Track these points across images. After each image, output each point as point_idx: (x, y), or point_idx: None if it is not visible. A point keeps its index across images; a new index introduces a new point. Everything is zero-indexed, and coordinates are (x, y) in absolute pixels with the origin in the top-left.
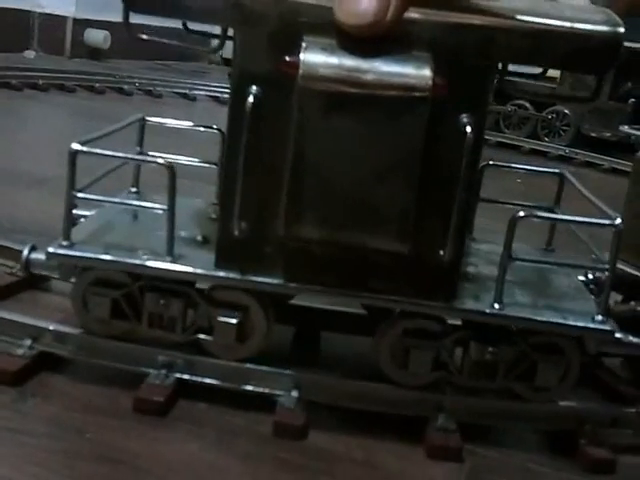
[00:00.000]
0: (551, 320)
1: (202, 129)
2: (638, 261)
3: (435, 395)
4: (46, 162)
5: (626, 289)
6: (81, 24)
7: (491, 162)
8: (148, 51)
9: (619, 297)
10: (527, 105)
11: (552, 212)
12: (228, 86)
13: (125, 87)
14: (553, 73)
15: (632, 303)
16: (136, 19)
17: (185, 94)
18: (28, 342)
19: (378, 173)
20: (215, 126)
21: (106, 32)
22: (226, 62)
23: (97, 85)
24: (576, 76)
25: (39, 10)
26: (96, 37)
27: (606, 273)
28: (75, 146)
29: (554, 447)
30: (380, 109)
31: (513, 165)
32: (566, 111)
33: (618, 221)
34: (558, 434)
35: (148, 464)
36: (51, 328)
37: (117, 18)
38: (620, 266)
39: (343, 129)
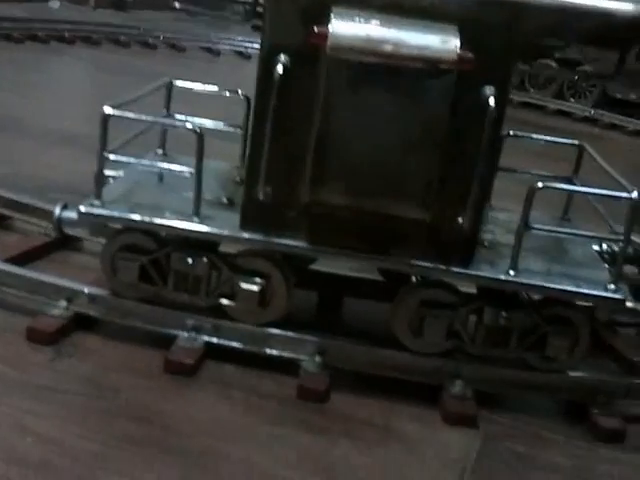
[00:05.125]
0: (564, 288)
1: (228, 94)
2: None
3: (451, 363)
4: (75, 120)
5: None
6: None
7: (511, 132)
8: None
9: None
10: (553, 65)
11: (570, 182)
12: (251, 40)
13: (150, 40)
14: None
15: None
16: None
17: (209, 48)
18: (64, 303)
19: (403, 143)
20: (241, 91)
21: None
22: (250, 15)
23: (122, 38)
24: None
25: None
26: None
27: (620, 244)
28: (107, 110)
29: (567, 416)
30: (406, 80)
31: (533, 136)
32: (592, 71)
33: (635, 195)
34: (572, 403)
35: (179, 424)
36: (85, 290)
37: None
38: (637, 239)
39: (369, 99)
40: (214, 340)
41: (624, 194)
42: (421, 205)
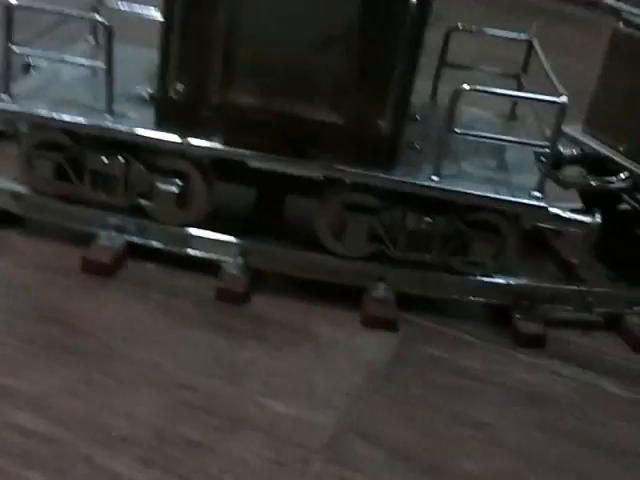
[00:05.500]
0: (485, 194)
1: None
2: (604, 136)
3: (374, 266)
4: None
5: (590, 163)
6: None
7: (460, 25)
8: None
9: None
10: None
11: (518, 79)
12: None
13: None
14: None
15: (586, 176)
16: None
17: None
18: None
19: (313, 42)
20: None
21: None
22: None
23: None
24: None
25: None
26: None
27: (546, 150)
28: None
29: (492, 321)
30: None
31: (475, 30)
32: None
33: (563, 99)
34: (497, 308)
35: (88, 325)
36: (6, 187)
37: None
38: (587, 141)
39: None
40: (135, 240)
41: (552, 98)
42: (334, 108)
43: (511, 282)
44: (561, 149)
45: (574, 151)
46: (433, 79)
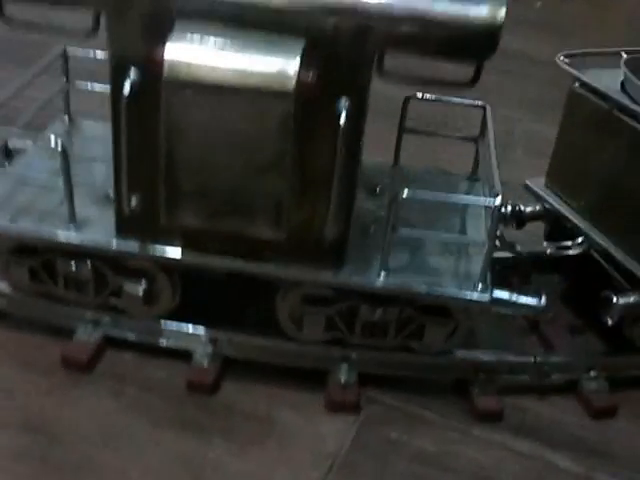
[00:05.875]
0: (429, 292)
1: None
2: (562, 194)
3: (337, 349)
4: None
5: (552, 221)
6: None
7: (418, 94)
8: None
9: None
10: None
11: (477, 143)
12: None
13: None
14: None
15: (544, 244)
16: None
17: None
18: None
19: (248, 166)
20: None
21: None
22: None
23: None
24: None
25: None
26: None
27: (484, 251)
28: None
29: (452, 395)
30: (246, 104)
31: (439, 98)
32: None
33: (497, 202)
34: (457, 382)
35: (64, 432)
36: None
37: None
38: (548, 197)
39: (210, 121)
40: (111, 332)
41: (485, 202)
42: (274, 226)
43: (468, 358)
44: (522, 206)
45: (537, 207)
46: (395, 146)
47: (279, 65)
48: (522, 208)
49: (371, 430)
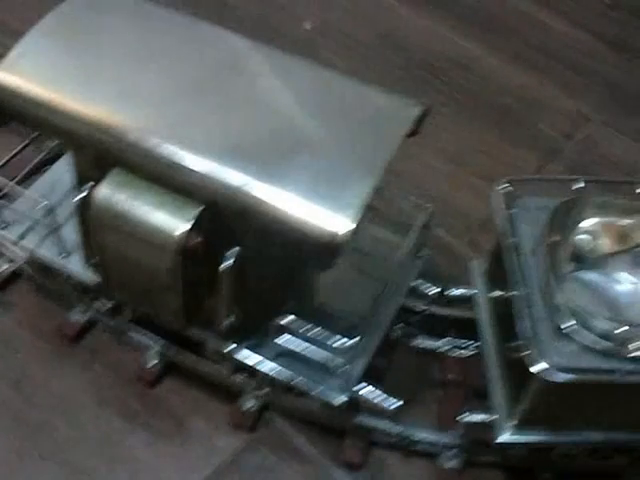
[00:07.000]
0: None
1: None
2: None
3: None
4: None
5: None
6: None
7: None
8: None
9: None
10: None
11: None
12: None
13: None
14: None
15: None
16: None
17: None
18: None
19: (150, 284)
20: None
21: None
22: None
23: None
24: None
25: None
26: None
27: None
28: None
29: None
30: (143, 246)
31: None
32: None
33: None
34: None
35: (37, 393)
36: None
37: None
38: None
39: (119, 246)
40: (96, 318)
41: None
42: (178, 324)
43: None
44: None
45: None
46: None
47: (171, 226)
48: None
49: (252, 451)
